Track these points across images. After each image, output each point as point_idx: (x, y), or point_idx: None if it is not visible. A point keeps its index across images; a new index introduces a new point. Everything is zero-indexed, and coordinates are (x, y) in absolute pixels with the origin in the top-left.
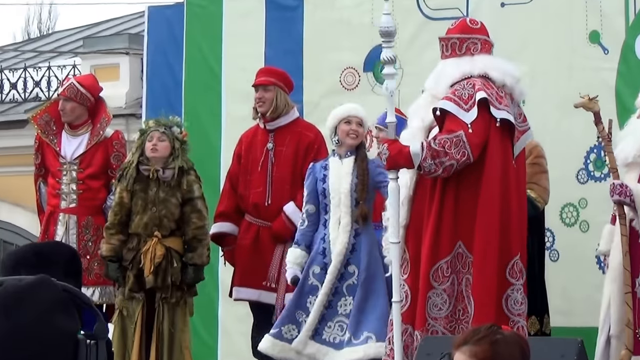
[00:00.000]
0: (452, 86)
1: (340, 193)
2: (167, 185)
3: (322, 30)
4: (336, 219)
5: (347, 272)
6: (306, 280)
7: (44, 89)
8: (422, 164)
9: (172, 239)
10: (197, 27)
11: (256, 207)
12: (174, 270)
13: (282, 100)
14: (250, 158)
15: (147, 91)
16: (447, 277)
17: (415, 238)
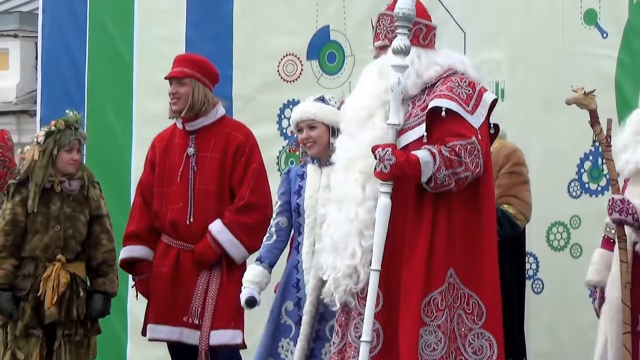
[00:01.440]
0: (438, 82)
1: (317, 212)
2: (72, 200)
3: (257, 9)
4: (310, 242)
5: (328, 311)
6: (279, 318)
7: None
8: (436, 174)
9: (76, 264)
10: (103, 3)
11: (175, 226)
12: (79, 302)
13: (201, 95)
14: (166, 166)
15: (43, 83)
16: (441, 311)
17: (386, 264)
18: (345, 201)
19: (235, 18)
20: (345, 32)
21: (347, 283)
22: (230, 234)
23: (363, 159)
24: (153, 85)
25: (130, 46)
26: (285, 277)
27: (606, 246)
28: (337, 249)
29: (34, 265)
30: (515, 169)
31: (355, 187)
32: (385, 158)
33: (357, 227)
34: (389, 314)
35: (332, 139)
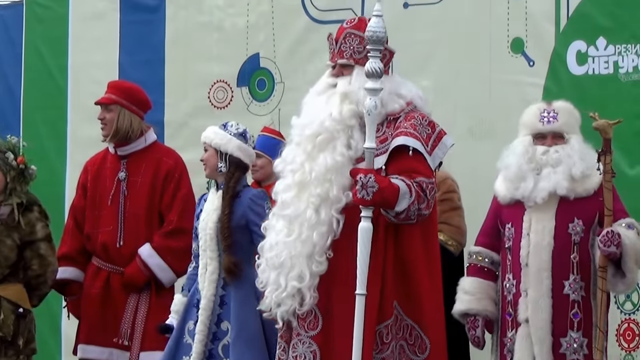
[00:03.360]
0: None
1: (206, 233)
2: (1, 224)
3: (188, 36)
4: (203, 264)
5: (220, 330)
6: (181, 337)
7: None
8: (410, 207)
9: (4, 287)
10: (38, 31)
11: (105, 248)
12: (5, 325)
13: (126, 121)
14: (98, 190)
15: None
16: (386, 344)
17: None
18: (296, 221)
19: (167, 45)
20: (275, 59)
21: (291, 303)
22: (159, 259)
23: (320, 182)
24: (87, 111)
25: (65, 72)
26: (188, 298)
27: (479, 275)
28: (283, 267)
29: None
30: (446, 196)
31: (309, 209)
32: (368, 185)
33: (309, 250)
34: (327, 337)
35: (220, 163)
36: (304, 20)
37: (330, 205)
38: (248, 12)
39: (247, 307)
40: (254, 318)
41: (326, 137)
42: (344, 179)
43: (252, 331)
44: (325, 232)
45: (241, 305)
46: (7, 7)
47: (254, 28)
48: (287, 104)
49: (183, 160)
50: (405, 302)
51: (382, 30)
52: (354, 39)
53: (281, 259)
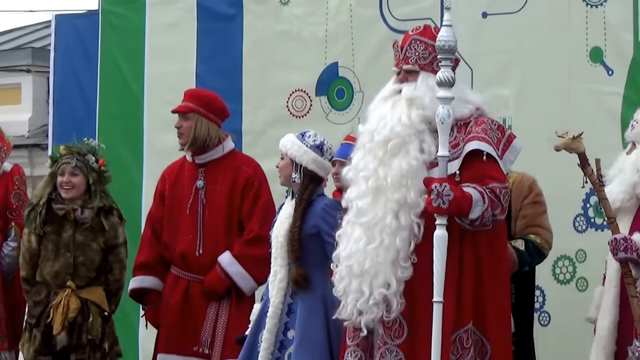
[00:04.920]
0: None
1: (277, 241)
2: (85, 228)
3: (266, 45)
4: (273, 272)
5: (287, 339)
6: (254, 345)
7: None
8: (484, 214)
9: (90, 290)
10: (114, 40)
11: (184, 257)
12: (91, 327)
13: (204, 129)
14: (176, 198)
15: (55, 117)
16: (467, 349)
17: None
18: (375, 228)
19: (245, 54)
20: (354, 68)
21: (377, 311)
22: (239, 267)
23: (397, 187)
24: (163, 119)
25: (141, 81)
26: (261, 306)
27: None
28: (366, 274)
29: (46, 292)
30: (538, 198)
31: (389, 215)
32: (444, 194)
33: (392, 256)
34: (412, 345)
35: (294, 174)
36: (383, 29)
37: (409, 209)
38: (327, 22)
39: (314, 315)
40: (320, 327)
41: (398, 142)
42: (420, 183)
43: (316, 340)
44: (407, 237)
45: (308, 313)
46: (82, 16)
47: (333, 37)
48: None
49: (262, 168)
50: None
51: (453, 40)
52: (419, 45)
53: (364, 266)
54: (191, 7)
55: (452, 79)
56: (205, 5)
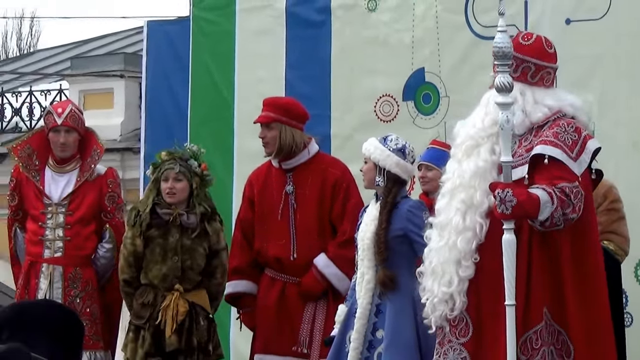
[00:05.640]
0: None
1: (364, 243)
2: (191, 232)
3: (354, 51)
4: (360, 273)
5: (376, 338)
6: (342, 346)
7: (25, 118)
8: (553, 214)
9: (196, 293)
10: (204, 45)
11: (279, 261)
12: (199, 330)
13: (289, 137)
14: (265, 204)
15: (146, 121)
16: (536, 350)
17: (478, 296)
18: (446, 228)
19: (333, 60)
20: (440, 74)
21: (442, 309)
22: (335, 268)
23: (466, 188)
24: (252, 124)
25: (231, 86)
26: (349, 307)
27: None
28: (435, 273)
29: (153, 294)
30: (613, 205)
31: (457, 216)
32: (507, 200)
33: (456, 255)
34: (477, 345)
35: (377, 178)
36: (468, 35)
37: (474, 210)
38: (413, 28)
39: (403, 315)
40: (409, 327)
41: (471, 144)
42: (486, 184)
43: (406, 339)
44: (471, 237)
45: (396, 313)
46: (173, 23)
47: (419, 43)
48: (453, 118)
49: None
50: (554, 308)
51: (508, 46)
52: None
53: (432, 265)
54: (280, 13)
55: (510, 85)
56: (294, 12)
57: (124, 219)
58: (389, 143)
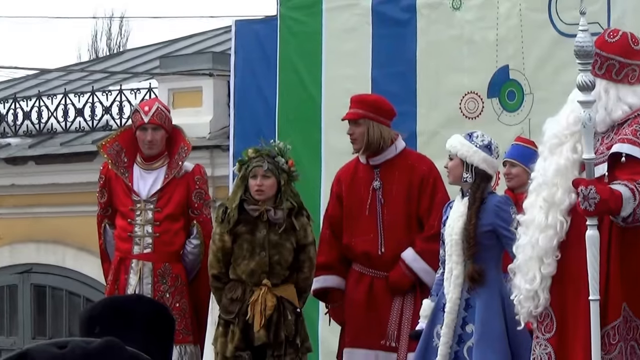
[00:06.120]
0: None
1: (452, 239)
2: (278, 228)
3: (439, 49)
4: (449, 269)
5: (465, 332)
6: (430, 340)
7: (115, 116)
8: (636, 210)
9: (284, 288)
10: (292, 44)
11: (367, 256)
12: (287, 324)
13: (377, 133)
14: (353, 200)
15: (235, 119)
16: (614, 345)
17: (561, 292)
18: (530, 225)
19: (419, 58)
20: (524, 71)
21: (528, 305)
22: (423, 262)
23: (548, 186)
24: (340, 122)
25: (319, 84)
26: (436, 301)
27: None
28: (521, 271)
29: (242, 290)
30: None
31: (540, 214)
32: (590, 197)
33: (538, 253)
34: (561, 340)
35: (465, 174)
36: (552, 33)
37: (556, 207)
38: (498, 26)
39: (491, 310)
40: (498, 321)
41: (555, 142)
42: (568, 182)
43: (496, 334)
44: (552, 235)
45: (485, 308)
46: (261, 22)
47: (503, 41)
48: (537, 115)
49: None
50: (635, 303)
51: (590, 44)
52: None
53: (519, 262)
54: (366, 12)
55: (592, 83)
56: (380, 11)
57: (211, 216)
58: (475, 139)
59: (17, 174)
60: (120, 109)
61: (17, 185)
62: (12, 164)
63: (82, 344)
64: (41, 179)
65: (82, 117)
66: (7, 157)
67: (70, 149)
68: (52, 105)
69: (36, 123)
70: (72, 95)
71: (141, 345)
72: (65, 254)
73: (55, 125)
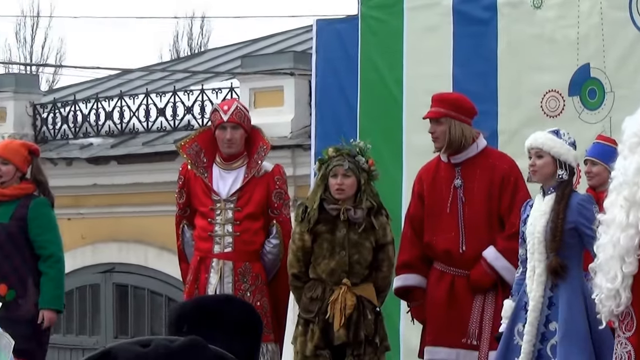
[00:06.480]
0: None
1: (534, 237)
2: (357, 227)
3: (520, 48)
4: (531, 267)
5: (549, 330)
6: (511, 339)
7: (197, 116)
8: None
9: (363, 287)
10: (373, 43)
11: (448, 254)
12: (367, 323)
13: (457, 132)
14: (434, 198)
15: (317, 118)
16: None
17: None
18: (611, 225)
19: (500, 57)
20: (605, 69)
21: (610, 305)
22: (505, 261)
23: (629, 185)
24: (421, 121)
25: (400, 83)
26: (517, 300)
27: None
28: (602, 270)
29: (322, 289)
30: None
31: (621, 213)
32: None
33: (619, 252)
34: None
35: (560, 171)
36: (633, 32)
37: (637, 207)
38: (578, 24)
39: (575, 308)
40: (582, 319)
41: (635, 141)
42: None
43: (580, 332)
44: (633, 234)
45: (569, 306)
46: (342, 21)
47: (584, 39)
48: (618, 113)
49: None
50: None
51: None
52: None
53: (600, 261)
54: (447, 11)
55: None
56: (460, 10)
57: (290, 216)
58: (564, 137)
59: (99, 174)
60: (202, 108)
61: (99, 185)
62: (94, 164)
63: (165, 342)
64: (123, 179)
65: (164, 116)
66: (90, 157)
67: (152, 148)
68: (134, 105)
69: (118, 123)
70: (153, 95)
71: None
72: (147, 254)
73: (137, 125)
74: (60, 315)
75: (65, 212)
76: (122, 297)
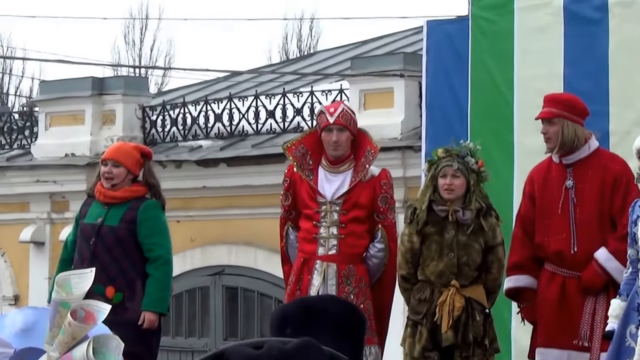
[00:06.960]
0: None
1: None
2: (466, 228)
3: (632, 47)
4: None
5: None
6: (622, 341)
7: (306, 118)
8: None
9: (472, 288)
10: (484, 44)
11: (560, 255)
12: (475, 325)
13: (570, 132)
14: (546, 199)
15: (427, 120)
16: None
17: None
18: None
19: (611, 56)
20: None
21: None
22: (616, 262)
23: None
24: (532, 121)
25: (511, 84)
26: (628, 301)
27: None
28: None
29: (430, 290)
30: None
31: None
32: None
33: None
34: None
35: None
36: None
37: None
38: None
39: None
40: None
41: None
42: None
43: None
44: None
45: None
46: (453, 22)
47: None
48: None
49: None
50: None
51: None
52: None
53: None
54: (558, 11)
55: None
56: (571, 10)
57: (395, 220)
58: None
59: (208, 176)
60: (311, 110)
61: (209, 187)
62: (204, 166)
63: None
64: (232, 181)
65: (274, 118)
66: (199, 159)
67: (261, 150)
68: (243, 107)
69: (227, 125)
70: (263, 97)
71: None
72: (257, 256)
73: (246, 127)
74: (169, 318)
75: (174, 214)
76: (231, 299)
